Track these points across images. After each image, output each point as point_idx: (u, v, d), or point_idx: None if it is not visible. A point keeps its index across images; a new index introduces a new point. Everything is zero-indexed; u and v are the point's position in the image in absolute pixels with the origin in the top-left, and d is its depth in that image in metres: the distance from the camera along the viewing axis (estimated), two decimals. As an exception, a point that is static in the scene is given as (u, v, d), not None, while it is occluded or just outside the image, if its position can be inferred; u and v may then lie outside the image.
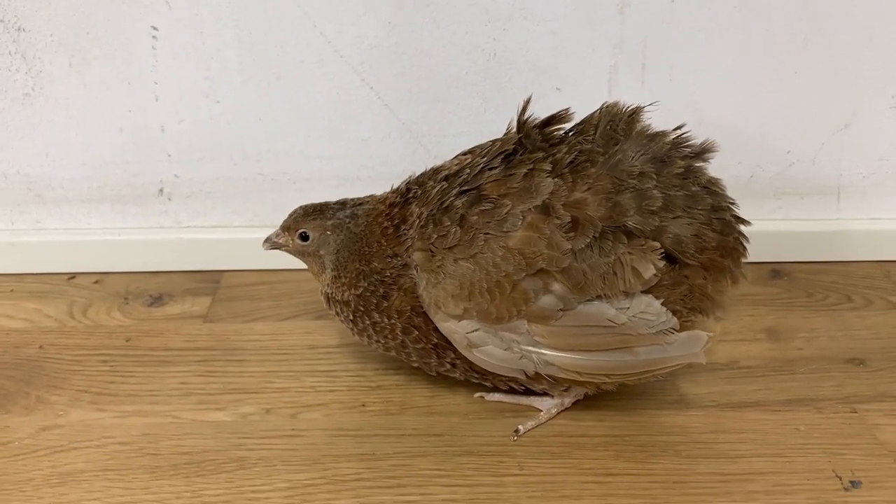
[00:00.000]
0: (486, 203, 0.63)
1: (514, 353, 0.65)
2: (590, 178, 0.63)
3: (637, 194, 0.62)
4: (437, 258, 0.63)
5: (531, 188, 0.62)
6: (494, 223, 0.62)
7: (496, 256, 0.61)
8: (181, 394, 0.75)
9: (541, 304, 0.62)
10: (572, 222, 0.61)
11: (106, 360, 0.79)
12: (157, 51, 0.84)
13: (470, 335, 0.64)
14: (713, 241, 0.65)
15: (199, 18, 0.82)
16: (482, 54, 0.85)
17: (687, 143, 0.67)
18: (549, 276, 0.61)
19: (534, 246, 0.61)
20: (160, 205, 0.92)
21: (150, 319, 0.85)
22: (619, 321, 0.63)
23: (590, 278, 0.61)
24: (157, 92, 0.86)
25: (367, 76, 0.86)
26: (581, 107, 0.86)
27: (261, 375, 0.77)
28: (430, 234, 0.64)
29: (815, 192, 0.94)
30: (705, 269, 0.66)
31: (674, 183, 0.64)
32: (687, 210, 0.64)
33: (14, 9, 0.81)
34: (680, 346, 0.65)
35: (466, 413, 0.72)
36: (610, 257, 0.61)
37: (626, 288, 0.62)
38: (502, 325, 0.63)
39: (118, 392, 0.75)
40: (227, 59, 0.84)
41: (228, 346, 0.81)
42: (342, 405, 0.73)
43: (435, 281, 0.63)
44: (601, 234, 0.62)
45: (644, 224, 0.62)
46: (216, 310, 0.87)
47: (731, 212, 0.67)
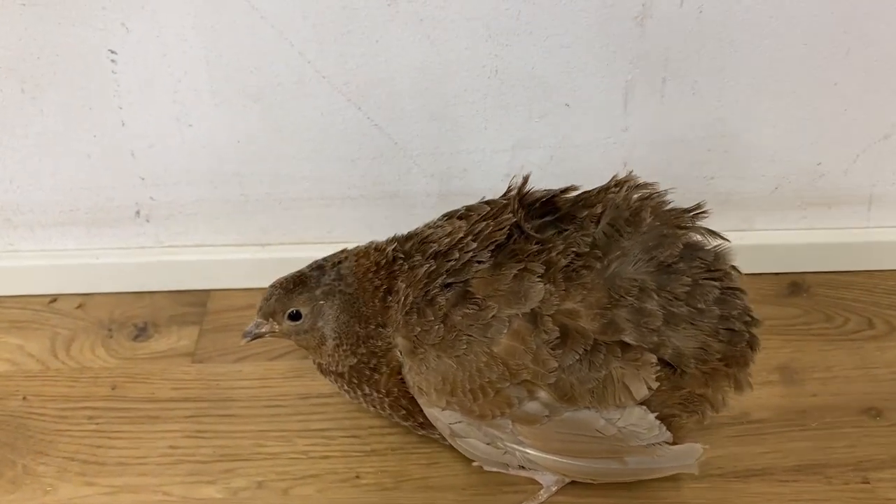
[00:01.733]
0: (471, 304, 0.58)
1: (497, 448, 0.63)
2: (584, 289, 0.58)
3: (635, 311, 0.57)
4: (420, 350, 0.60)
5: (520, 292, 0.58)
6: (479, 327, 0.58)
7: (479, 362, 0.58)
8: (171, 461, 0.73)
9: (525, 409, 0.59)
10: (561, 336, 0.57)
11: (92, 417, 0.77)
12: (118, 75, 0.75)
13: (453, 426, 0.62)
14: (718, 354, 0.60)
15: (160, 41, 0.73)
16: (483, 71, 0.76)
17: (702, 252, 0.60)
18: (535, 385, 0.58)
19: (518, 359, 0.57)
20: (138, 226, 0.86)
21: (136, 359, 0.82)
22: (608, 433, 0.59)
23: (578, 391, 0.58)
24: (122, 117, 0.78)
25: (352, 96, 0.77)
26: (593, 123, 0.80)
27: (252, 436, 0.75)
28: (414, 326, 0.60)
29: (845, 202, 0.87)
30: (707, 376, 0.61)
31: (679, 298, 0.58)
32: (692, 323, 0.59)
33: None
34: (672, 458, 0.62)
35: (464, 487, 0.70)
36: (601, 372, 0.57)
37: (617, 404, 0.58)
38: (486, 422, 0.61)
39: (106, 460, 0.73)
40: (196, 81, 0.76)
41: (218, 396, 0.78)
42: (336, 477, 0.71)
43: (418, 370, 0.61)
44: (594, 346, 0.57)
45: (642, 341, 0.58)
46: (204, 345, 0.83)
47: (742, 319, 0.61)
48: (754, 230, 0.89)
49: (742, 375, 0.63)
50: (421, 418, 0.65)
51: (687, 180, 0.85)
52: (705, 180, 0.85)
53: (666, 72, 0.77)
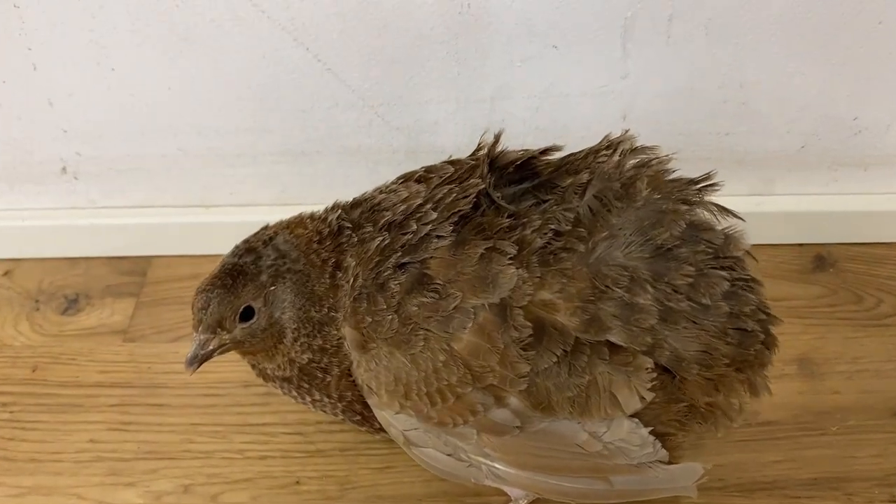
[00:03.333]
0: (430, 292, 0.48)
1: (460, 460, 0.52)
2: (563, 276, 0.47)
3: (624, 306, 0.46)
4: (370, 344, 0.49)
5: (487, 278, 0.47)
6: (438, 319, 0.47)
7: (437, 361, 0.47)
8: (89, 458, 0.64)
9: (493, 418, 0.48)
10: (535, 334, 0.46)
11: (7, 403, 0.68)
12: (21, 9, 0.64)
13: (408, 433, 0.51)
14: (726, 358, 0.49)
15: None
16: (451, 5, 0.64)
17: (709, 232, 0.48)
18: (503, 391, 0.47)
19: (483, 360, 0.47)
20: (66, 184, 0.76)
21: (62, 336, 0.73)
22: (592, 448, 0.49)
23: (555, 399, 0.47)
24: (32, 60, 0.67)
25: (300, 36, 0.66)
26: (585, 69, 0.67)
27: (182, 430, 0.65)
28: (364, 316, 0.49)
29: (885, 162, 0.74)
30: (713, 383, 0.50)
31: (678, 291, 0.47)
32: (694, 321, 0.47)
33: None
34: (667, 479, 0.51)
35: (420, 497, 0.61)
36: (583, 377, 0.47)
37: (603, 416, 0.48)
38: (446, 430, 0.50)
39: (17, 454, 0.64)
40: (113, 16, 0.64)
41: (149, 382, 0.69)
42: (273, 482, 0.62)
43: (367, 367, 0.50)
44: (575, 346, 0.46)
45: (631, 342, 0.47)
46: (138, 320, 0.74)
47: (757, 317, 0.50)
48: (775, 195, 0.77)
49: (757, 378, 0.52)
50: (378, 423, 0.54)
51: (697, 137, 0.73)
52: (719, 136, 0.73)
53: (672, 7, 0.64)
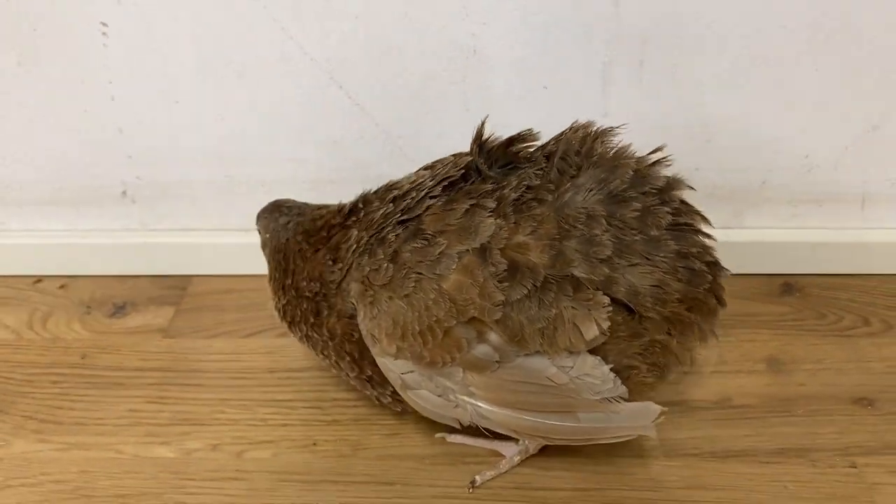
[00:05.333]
0: (421, 239, 0.58)
1: (448, 401, 0.60)
2: (534, 221, 0.56)
3: (584, 241, 0.55)
4: (370, 292, 0.59)
5: (470, 228, 0.57)
6: (428, 263, 0.57)
7: (428, 299, 0.56)
8: (128, 423, 0.71)
9: (476, 353, 0.57)
10: (509, 270, 0.55)
11: (57, 381, 0.76)
12: (109, 48, 0.78)
13: (405, 376, 0.60)
14: (677, 293, 0.57)
15: (149, 13, 0.76)
16: (461, 50, 0.77)
17: (653, 178, 0.58)
18: (483, 325, 0.56)
19: (465, 293, 0.55)
20: (124, 207, 0.87)
21: (109, 333, 0.82)
22: (560, 381, 0.57)
23: (527, 332, 0.55)
24: (112, 92, 0.80)
25: (335, 74, 0.79)
26: (571, 107, 0.80)
27: (213, 403, 0.73)
28: (364, 267, 0.59)
29: (837, 199, 0.85)
30: (670, 322, 0.58)
31: (630, 226, 0.56)
32: (647, 257, 0.56)
33: (-44, 4, 0.76)
34: (627, 417, 0.59)
35: (423, 457, 0.67)
36: (551, 311, 0.55)
37: (568, 346, 0.56)
38: (436, 369, 0.58)
39: (64, 419, 0.72)
40: (182, 56, 0.78)
41: (185, 368, 0.77)
42: (292, 443, 0.69)
43: (371, 315, 0.59)
44: (544, 284, 0.55)
45: (592, 273, 0.55)
46: (178, 323, 0.83)
47: (705, 258, 0.59)
48: (744, 227, 0.87)
49: (707, 325, 0.60)
50: (369, 370, 0.63)
51: (670, 171, 0.84)
52: (689, 171, 0.82)
53: (643, 54, 0.77)
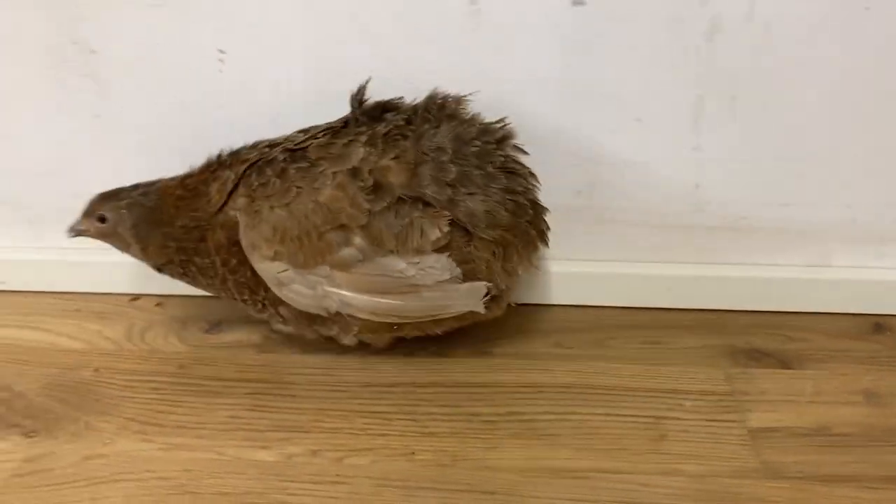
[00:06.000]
0: (305, 162, 0.70)
1: (317, 292, 0.71)
2: (398, 149, 0.69)
3: (435, 166, 0.69)
4: (255, 203, 0.70)
5: (345, 155, 0.69)
6: (309, 178, 0.69)
7: (307, 208, 0.69)
8: (228, 428, 0.72)
9: (342, 255, 0.69)
10: (374, 186, 0.68)
11: (157, 388, 0.78)
12: (223, 74, 0.83)
13: (280, 275, 0.71)
14: (504, 220, 0.71)
15: (266, 43, 0.80)
16: (557, 84, 0.81)
17: (492, 131, 0.73)
18: (351, 231, 0.68)
19: (338, 203, 0.68)
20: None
21: (205, 346, 0.84)
22: (408, 273, 0.69)
23: (385, 236, 0.68)
24: (216, 116, 0.84)
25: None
26: (662, 139, 0.82)
27: (311, 413, 0.74)
28: (253, 182, 0.71)
29: (928, 239, 0.85)
30: (497, 244, 0.72)
31: (470, 161, 0.70)
32: (483, 188, 0.70)
33: (86, 30, 0.81)
34: (463, 295, 0.72)
35: (524, 470, 0.67)
36: (405, 220, 0.68)
37: (417, 247, 0.69)
38: (309, 269, 0.70)
39: (165, 422, 0.73)
40: (293, 86, 0.82)
41: (281, 380, 0.78)
42: (391, 451, 0.69)
43: (252, 224, 0.70)
44: (399, 200, 0.68)
45: (439, 194, 0.69)
46: (272, 340, 0.84)
47: (528, 196, 0.73)
48: (832, 266, 0.87)
49: (525, 252, 0.74)
50: (249, 270, 0.73)
51: (760, 207, 0.85)
52: (780, 207, 0.85)
53: (736, 89, 0.80)
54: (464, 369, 0.79)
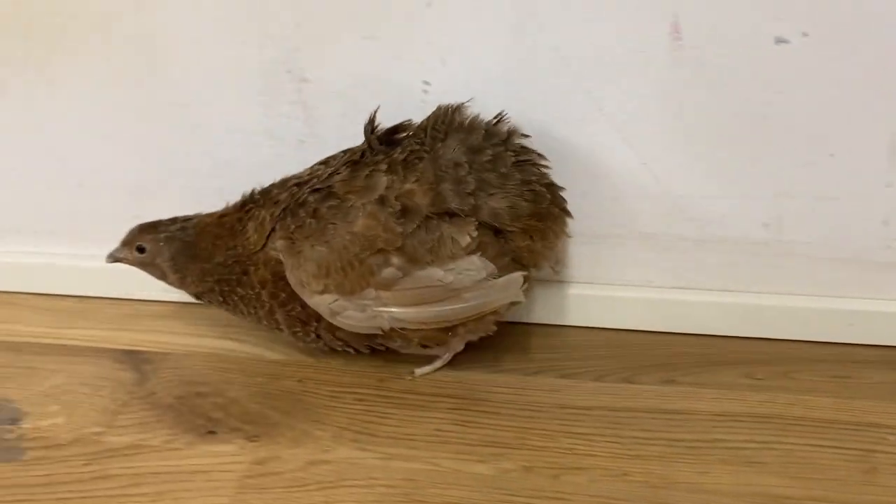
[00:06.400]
0: (335, 199, 0.75)
1: (368, 314, 0.76)
2: (418, 172, 0.75)
3: (454, 180, 0.74)
4: (296, 245, 0.76)
5: (370, 186, 0.75)
6: (341, 214, 0.75)
7: (345, 240, 0.74)
8: (438, 441, 0.75)
9: (384, 276, 0.74)
10: (403, 210, 0.74)
11: (361, 399, 0.81)
12: (426, 105, 0.87)
13: (332, 305, 0.76)
14: (527, 210, 0.76)
15: (470, 76, 0.84)
16: (755, 117, 0.82)
17: (498, 132, 0.78)
18: (388, 253, 0.74)
19: (373, 231, 0.74)
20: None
21: (398, 362, 0.87)
22: (447, 280, 0.75)
23: (420, 252, 0.74)
24: (420, 144, 0.89)
25: (628, 136, 0.85)
26: (854, 174, 0.83)
27: (515, 431, 0.76)
28: (289, 225, 0.76)
29: None
30: (528, 233, 0.77)
31: (485, 167, 0.76)
32: (501, 187, 0.76)
33: (302, 60, 0.87)
34: (500, 289, 0.77)
35: (739, 495, 0.68)
36: (435, 234, 0.74)
37: (450, 255, 0.74)
38: (357, 294, 0.75)
39: (378, 433, 0.76)
40: (489, 115, 0.86)
41: (476, 397, 0.81)
42: (605, 471, 0.71)
43: (297, 264, 0.76)
44: (427, 218, 0.74)
45: (462, 204, 0.74)
46: (460, 357, 0.87)
47: (543, 182, 0.78)
48: None
49: (557, 228, 0.80)
50: (299, 305, 0.78)
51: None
52: (973, 244, 0.85)
53: (936, 127, 0.80)
54: (654, 396, 0.81)
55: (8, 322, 0.95)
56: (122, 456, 0.74)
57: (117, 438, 0.76)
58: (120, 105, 0.92)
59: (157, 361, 0.88)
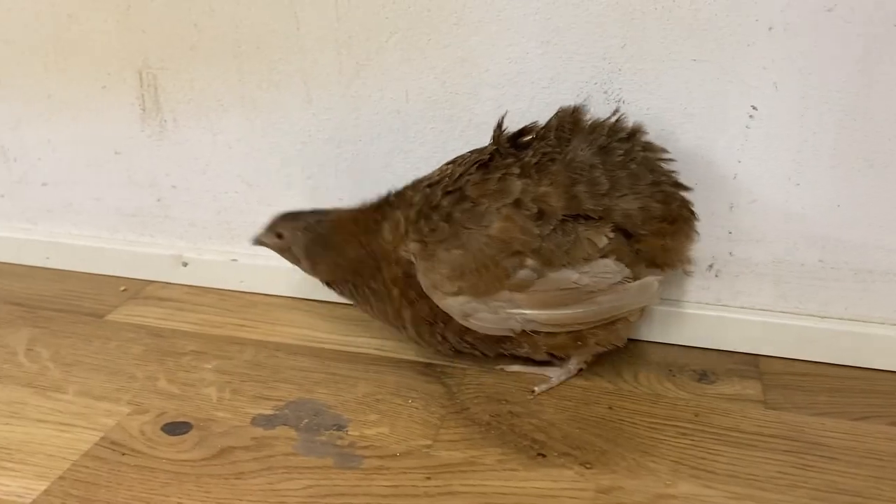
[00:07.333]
0: (468, 203, 0.76)
1: (500, 316, 0.77)
2: (551, 175, 0.75)
3: (588, 182, 0.75)
4: (429, 248, 0.76)
5: (504, 189, 0.75)
6: (475, 218, 0.75)
7: (481, 243, 0.75)
8: (786, 485, 0.72)
9: (519, 278, 0.75)
10: (539, 213, 0.74)
11: (684, 433, 0.78)
12: (750, 130, 0.84)
13: (464, 307, 0.77)
14: (658, 211, 0.77)
15: (804, 102, 0.81)
16: None
17: (621, 129, 0.79)
18: (524, 255, 0.74)
19: (510, 233, 0.74)
20: (705, 281, 0.92)
21: (707, 396, 0.84)
22: (582, 283, 0.75)
23: (556, 254, 0.74)
24: (736, 170, 0.86)
25: None
26: None
27: (864, 479, 0.72)
28: (423, 228, 0.77)
29: None
30: (661, 236, 0.78)
31: (617, 166, 0.76)
32: (632, 188, 0.76)
33: (620, 83, 0.85)
34: (635, 294, 0.77)
35: None
36: (571, 236, 0.74)
37: (586, 257, 0.75)
38: (490, 296, 0.76)
39: (715, 469, 0.73)
40: (820, 143, 0.83)
41: (806, 439, 0.77)
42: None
43: (431, 267, 0.76)
44: (562, 220, 0.74)
45: (596, 205, 0.75)
46: (773, 396, 0.84)
47: (672, 181, 0.79)
48: None
49: (688, 228, 0.81)
50: (427, 306, 0.79)
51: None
52: None
53: None
54: None
55: (304, 328, 0.97)
56: (459, 472, 0.73)
57: (448, 453, 0.76)
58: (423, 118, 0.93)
59: (457, 376, 0.88)
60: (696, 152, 0.86)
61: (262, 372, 0.89)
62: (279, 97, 0.96)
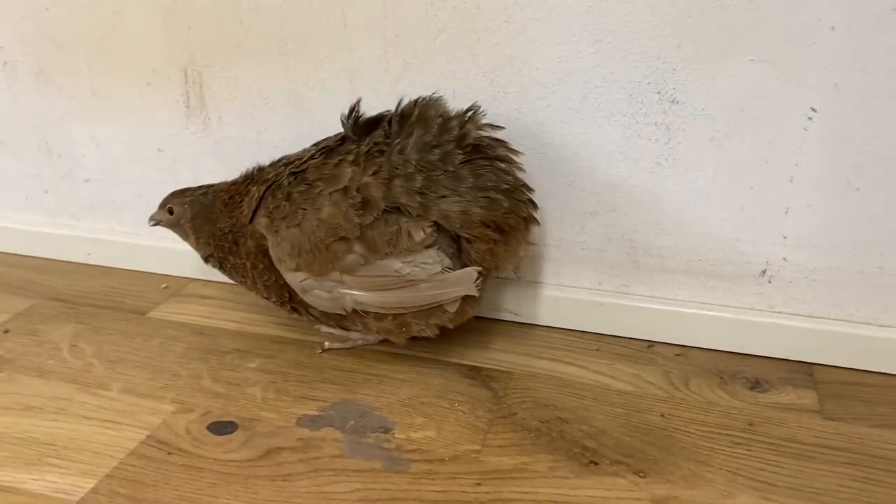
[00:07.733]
0: (305, 184, 0.80)
1: (333, 294, 0.81)
2: (375, 165, 0.78)
3: (404, 178, 0.77)
4: (274, 224, 0.81)
5: (337, 175, 0.79)
6: (310, 200, 0.79)
7: (313, 226, 0.79)
8: (847, 499, 0.69)
9: (348, 261, 0.79)
10: (363, 202, 0.77)
11: (738, 443, 0.76)
12: (808, 132, 0.82)
13: (303, 282, 0.81)
14: (479, 217, 0.78)
15: (866, 103, 0.79)
16: None
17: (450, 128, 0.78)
18: (350, 241, 0.78)
19: (336, 220, 0.78)
20: (757, 286, 0.89)
21: (760, 405, 0.82)
22: (404, 272, 0.78)
23: (379, 243, 0.78)
24: (793, 173, 0.84)
25: None
26: None
27: None
28: (269, 205, 0.82)
29: None
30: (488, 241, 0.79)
31: (436, 166, 0.77)
32: (453, 189, 0.77)
33: (674, 82, 0.83)
34: (455, 282, 0.80)
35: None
36: (393, 227, 0.77)
37: (408, 248, 0.77)
38: (324, 276, 0.80)
39: (774, 482, 0.71)
40: (882, 146, 0.80)
41: (870, 452, 0.75)
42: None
43: (276, 242, 0.81)
44: (385, 211, 0.77)
45: (411, 201, 0.77)
46: (829, 406, 0.81)
47: (501, 188, 0.79)
48: None
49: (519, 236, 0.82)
50: (275, 276, 0.84)
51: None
52: None
53: None
54: None
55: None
56: (509, 479, 0.72)
57: (497, 459, 0.74)
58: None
59: (503, 380, 0.86)
60: (752, 154, 0.84)
61: (305, 372, 0.88)
62: (325, 95, 0.95)
